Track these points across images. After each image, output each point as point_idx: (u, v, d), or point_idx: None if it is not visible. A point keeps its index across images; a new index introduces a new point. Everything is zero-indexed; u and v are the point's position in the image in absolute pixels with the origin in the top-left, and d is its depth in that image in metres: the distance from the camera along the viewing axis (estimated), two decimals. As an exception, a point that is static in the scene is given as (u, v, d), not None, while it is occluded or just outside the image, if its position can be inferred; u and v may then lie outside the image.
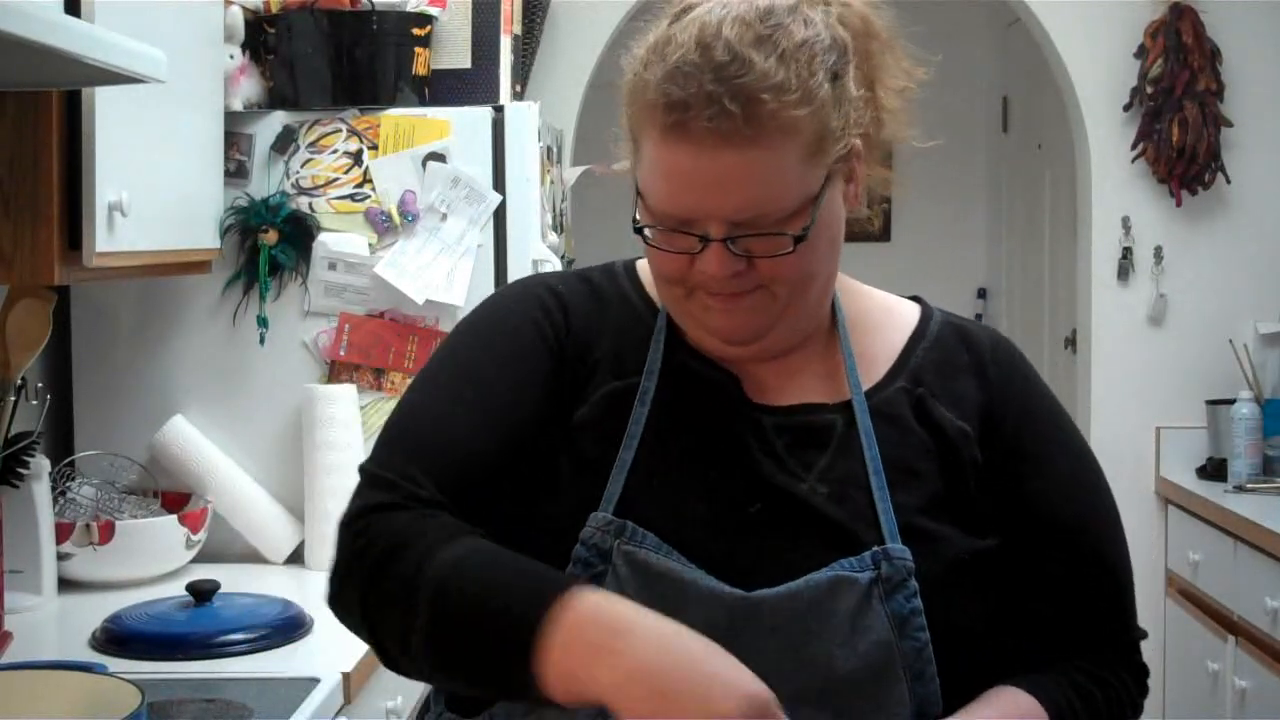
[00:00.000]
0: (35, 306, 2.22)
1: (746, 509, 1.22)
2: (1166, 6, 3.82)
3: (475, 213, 2.62)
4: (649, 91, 1.17)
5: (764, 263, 1.19)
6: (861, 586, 1.18)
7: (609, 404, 1.26)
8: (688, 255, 1.19)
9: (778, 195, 1.16)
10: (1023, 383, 1.33)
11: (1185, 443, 3.92)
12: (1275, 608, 3.16)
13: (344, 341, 2.64)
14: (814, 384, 1.29)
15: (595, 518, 1.21)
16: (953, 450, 1.26)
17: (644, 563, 1.19)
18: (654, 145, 1.17)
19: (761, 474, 1.24)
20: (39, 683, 1.57)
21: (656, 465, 1.23)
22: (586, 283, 1.34)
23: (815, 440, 1.26)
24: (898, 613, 1.18)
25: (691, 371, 1.28)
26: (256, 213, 2.60)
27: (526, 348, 1.28)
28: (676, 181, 1.17)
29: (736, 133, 1.13)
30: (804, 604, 1.18)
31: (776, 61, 1.14)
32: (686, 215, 1.18)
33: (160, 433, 2.63)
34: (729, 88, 1.13)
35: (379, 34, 2.65)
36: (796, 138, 1.15)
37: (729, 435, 1.26)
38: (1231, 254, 3.94)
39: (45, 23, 1.49)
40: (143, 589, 2.40)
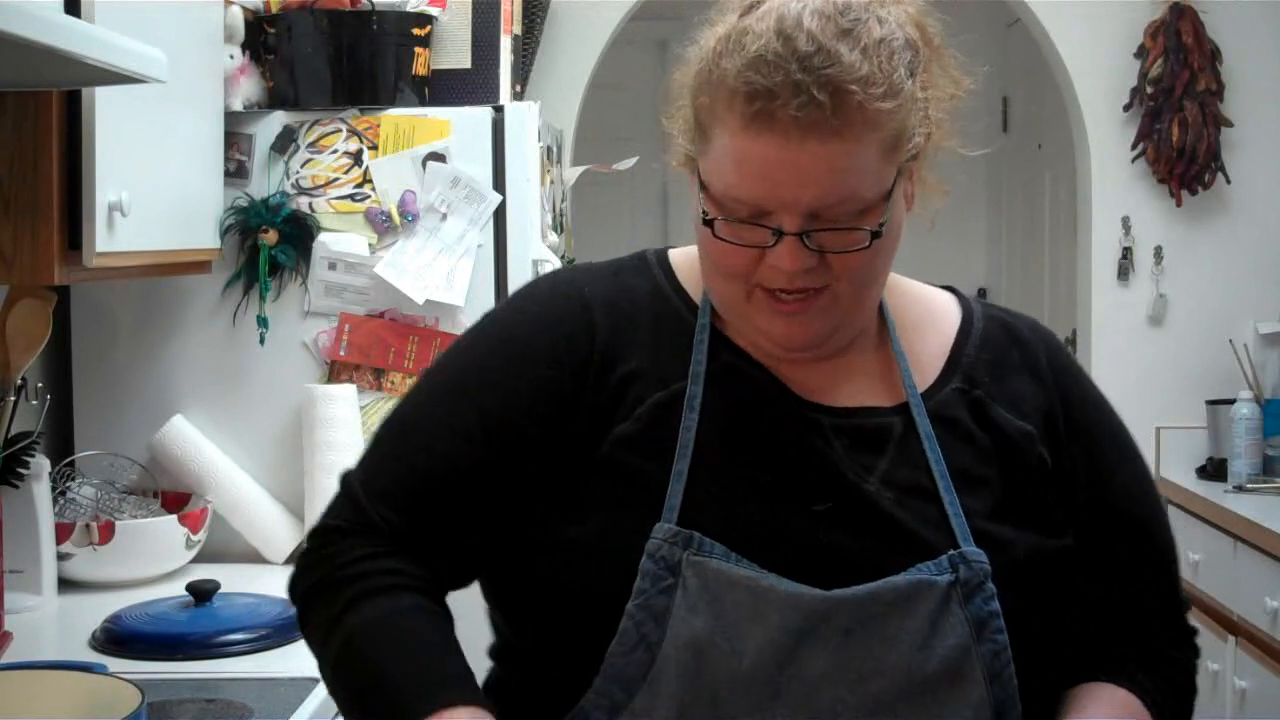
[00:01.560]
0: (35, 306, 2.22)
1: (812, 509, 1.21)
2: (1166, 6, 3.82)
3: (475, 213, 2.62)
4: (729, 80, 1.15)
5: (836, 260, 1.18)
6: (941, 589, 1.18)
7: (655, 415, 1.23)
8: (756, 250, 1.18)
9: (856, 189, 1.16)
10: (1076, 377, 1.35)
11: (1185, 443, 3.92)
12: (1275, 608, 3.16)
13: (344, 341, 2.64)
14: (867, 385, 1.28)
15: (660, 529, 1.19)
16: (1017, 452, 1.26)
17: (715, 572, 1.17)
18: (732, 134, 1.16)
19: (827, 474, 1.23)
20: (39, 683, 1.57)
21: (715, 471, 1.22)
22: (618, 283, 1.31)
23: (874, 443, 1.25)
24: (976, 615, 1.18)
25: (739, 373, 1.27)
26: (256, 213, 2.60)
27: (536, 367, 1.26)
28: (756, 171, 1.15)
29: (824, 123, 1.12)
30: (883, 606, 1.17)
31: (860, 55, 1.14)
32: (762, 206, 1.16)
33: (160, 433, 2.63)
34: (816, 77, 1.12)
35: (379, 34, 2.65)
36: (878, 132, 1.15)
37: (788, 436, 1.24)
38: (1231, 254, 3.94)
39: (45, 23, 1.49)
40: (143, 589, 2.40)
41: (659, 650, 1.17)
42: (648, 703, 1.17)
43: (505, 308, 1.35)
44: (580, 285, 1.31)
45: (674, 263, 1.34)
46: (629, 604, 1.17)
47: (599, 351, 1.26)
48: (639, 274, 1.33)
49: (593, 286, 1.30)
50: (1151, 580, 1.33)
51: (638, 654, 1.17)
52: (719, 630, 1.16)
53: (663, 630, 1.17)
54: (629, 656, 1.17)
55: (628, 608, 1.17)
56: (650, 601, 1.17)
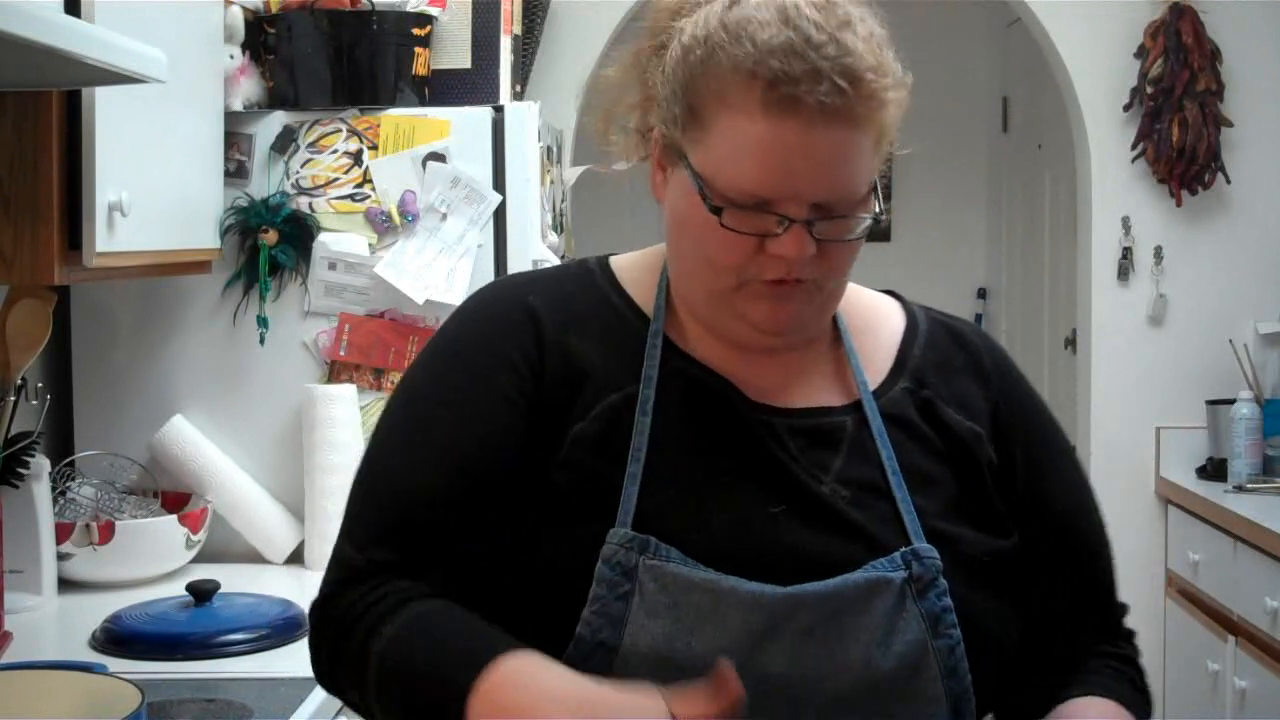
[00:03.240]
0: (35, 306, 2.22)
1: (768, 511, 1.21)
2: (1166, 6, 3.82)
3: (475, 213, 2.62)
4: (745, 65, 1.15)
5: (831, 249, 1.19)
6: (897, 586, 1.19)
7: (609, 417, 1.23)
8: (756, 240, 1.18)
9: (859, 177, 1.18)
10: (1017, 382, 1.36)
11: (1185, 443, 3.92)
12: (1275, 608, 3.16)
13: (344, 341, 2.64)
14: (820, 385, 1.29)
15: (615, 534, 1.18)
16: (966, 451, 1.27)
17: (673, 576, 1.17)
18: (750, 121, 1.15)
19: (782, 475, 1.23)
20: (39, 683, 1.57)
21: (669, 475, 1.22)
22: (561, 289, 1.31)
23: (828, 442, 1.25)
24: (930, 611, 1.19)
25: (690, 378, 1.26)
26: (256, 213, 2.60)
27: (490, 376, 1.25)
28: (775, 158, 1.15)
29: (846, 110, 1.14)
30: (842, 603, 1.18)
31: (864, 45, 1.16)
32: (772, 195, 1.16)
33: (160, 433, 2.63)
34: (834, 65, 1.14)
35: (379, 34, 2.65)
36: (880, 121, 1.17)
37: (741, 438, 1.24)
38: (1231, 254, 3.94)
39: (45, 23, 1.49)
40: (143, 589, 2.40)
41: (616, 656, 1.16)
42: None
43: (451, 327, 1.33)
44: (523, 295, 1.30)
45: (617, 271, 1.33)
46: (585, 610, 1.16)
47: (550, 351, 1.25)
48: (582, 282, 1.32)
49: (536, 296, 1.29)
50: (1096, 584, 1.35)
51: (594, 660, 1.16)
52: (678, 634, 1.16)
53: (620, 635, 1.16)
54: (586, 663, 1.15)
55: (584, 614, 1.16)
56: (607, 608, 1.16)
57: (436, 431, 1.25)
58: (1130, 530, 3.93)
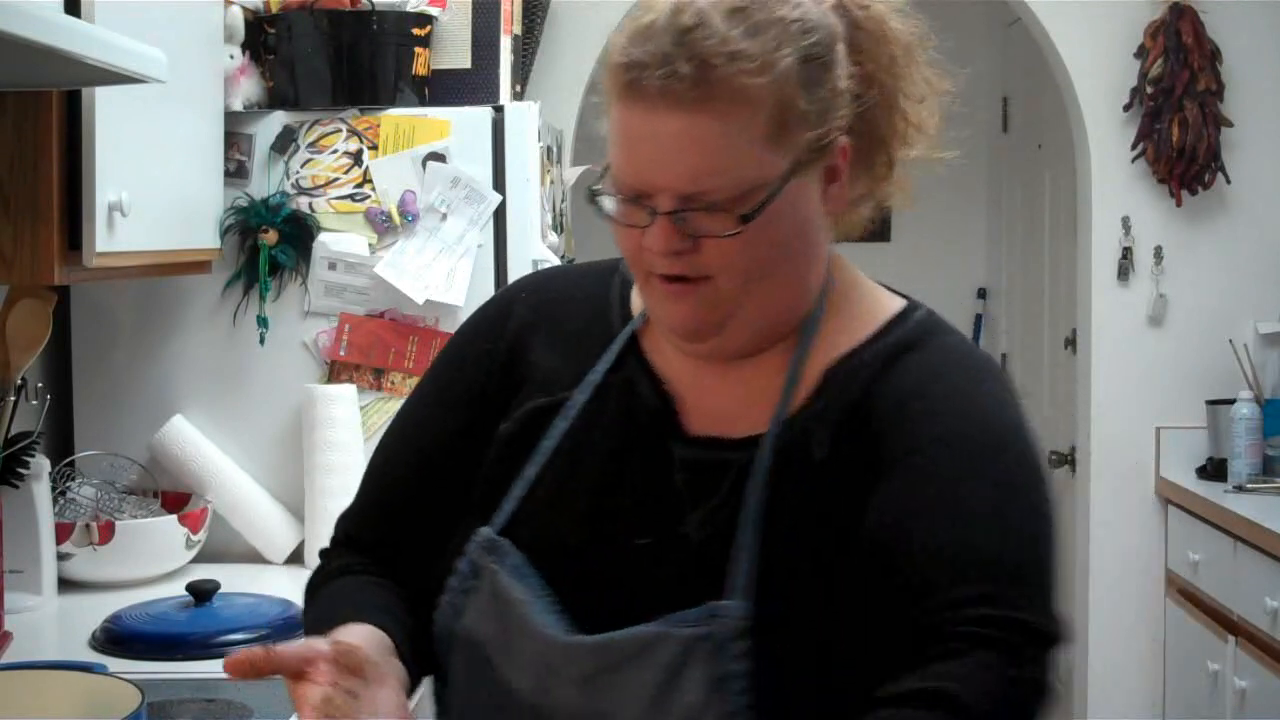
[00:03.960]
0: (35, 306, 2.22)
1: (632, 543, 1.18)
2: (1166, 6, 3.82)
3: (475, 213, 2.62)
4: (614, 54, 1.14)
5: (710, 247, 1.13)
6: (681, 642, 1.12)
7: (531, 419, 1.25)
8: (639, 230, 1.15)
9: (727, 169, 1.11)
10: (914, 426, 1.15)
11: (1185, 443, 3.92)
12: (1275, 608, 3.16)
13: (344, 341, 2.64)
14: (744, 409, 1.20)
15: (480, 532, 1.21)
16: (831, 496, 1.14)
17: (500, 587, 1.19)
18: (614, 108, 1.15)
19: (658, 508, 1.19)
20: (39, 683, 1.57)
21: (558, 485, 1.21)
22: (568, 288, 1.33)
23: (710, 479, 1.18)
24: (717, 674, 1.11)
25: (631, 390, 1.23)
26: (256, 213, 2.60)
27: (458, 373, 1.32)
28: (629, 146, 1.14)
29: (684, 94, 1.09)
30: (616, 657, 1.13)
31: (744, 31, 1.10)
32: (639, 184, 1.14)
33: (160, 433, 2.63)
34: (685, 49, 1.10)
35: (379, 34, 2.65)
36: (751, 111, 1.10)
37: (640, 464, 1.21)
38: (1231, 254, 3.93)
39: (45, 23, 1.49)
40: (143, 589, 2.40)
41: (453, 646, 1.21)
42: (452, 700, 1.24)
43: (465, 321, 1.39)
44: (521, 290, 1.35)
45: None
46: (441, 598, 1.22)
47: (516, 346, 1.29)
48: (596, 280, 1.32)
49: (535, 292, 1.33)
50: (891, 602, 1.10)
51: (443, 647, 1.22)
52: (498, 643, 1.19)
53: (457, 628, 1.21)
54: (439, 647, 1.22)
55: (439, 601, 1.22)
56: (454, 600, 1.21)
57: (408, 422, 1.34)
58: (1130, 530, 3.93)
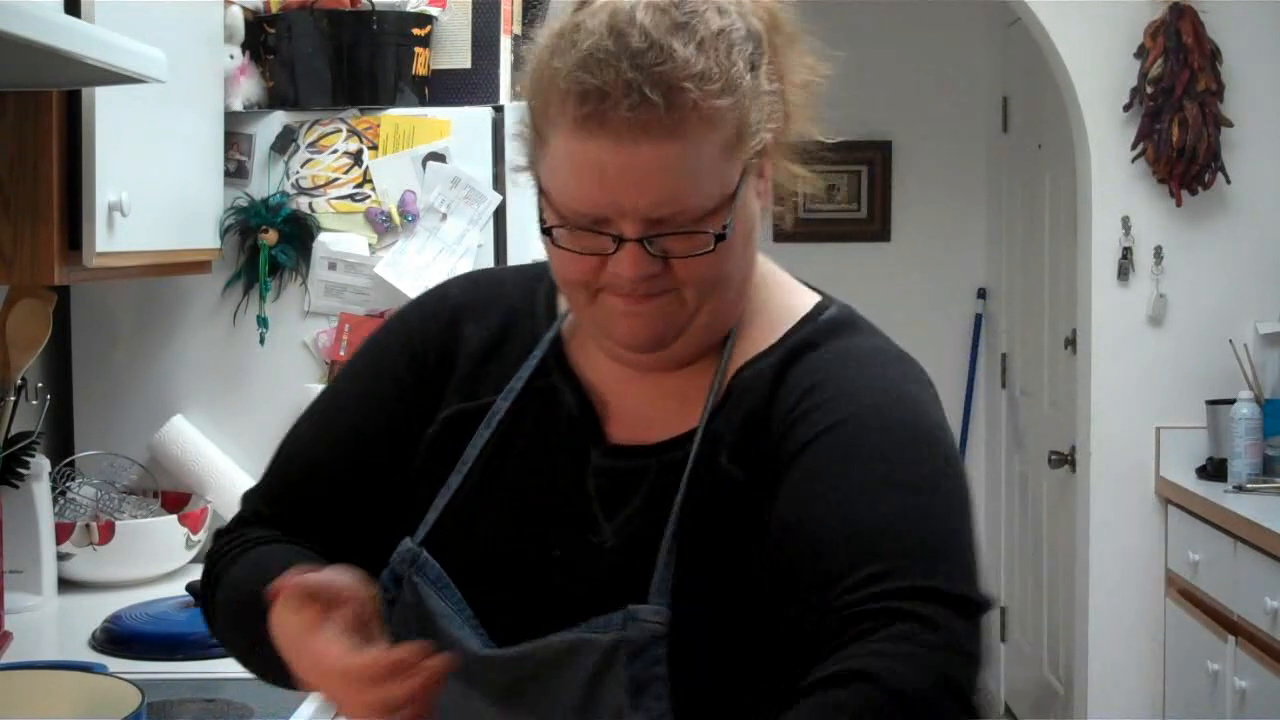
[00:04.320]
0: (35, 306, 2.22)
1: (549, 554, 1.17)
2: (1166, 6, 3.82)
3: (475, 213, 2.62)
4: (560, 81, 1.09)
5: (680, 264, 1.12)
6: (601, 648, 1.11)
7: (453, 424, 1.23)
8: (599, 257, 1.12)
9: (696, 190, 1.09)
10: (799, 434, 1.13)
11: (1185, 443, 3.92)
12: (1275, 608, 3.16)
13: (344, 341, 2.64)
14: (668, 416, 1.20)
15: (403, 544, 1.20)
16: (741, 503, 1.14)
17: (420, 599, 1.18)
18: (565, 138, 1.09)
19: (573, 518, 1.18)
20: (39, 683, 1.57)
21: (479, 496, 1.20)
22: (498, 286, 1.30)
23: (625, 486, 1.18)
24: (637, 678, 1.10)
25: (553, 397, 1.22)
26: (256, 213, 2.60)
27: (386, 361, 1.29)
28: (590, 177, 1.09)
29: (657, 123, 1.06)
30: (534, 667, 1.13)
31: (696, 50, 1.08)
32: (600, 213, 1.10)
33: (160, 433, 2.63)
34: (649, 75, 1.06)
35: (379, 34, 2.65)
36: (716, 130, 1.09)
37: (558, 472, 1.20)
38: (1231, 254, 3.93)
39: (45, 23, 1.49)
40: (143, 589, 2.41)
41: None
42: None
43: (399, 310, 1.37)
44: (453, 288, 1.33)
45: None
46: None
47: (439, 346, 1.27)
48: (531, 282, 1.29)
49: (463, 291, 1.31)
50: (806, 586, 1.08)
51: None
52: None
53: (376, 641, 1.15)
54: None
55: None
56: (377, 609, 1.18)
57: (331, 405, 1.33)
58: (1130, 530, 3.93)
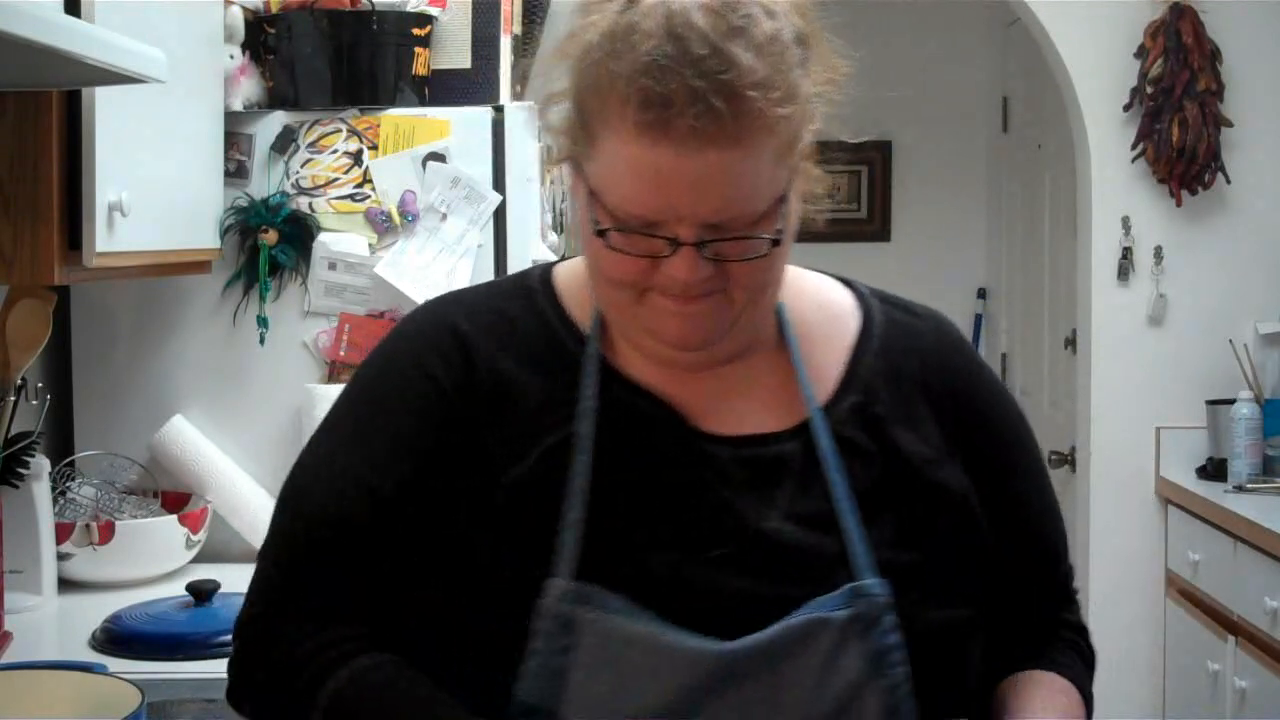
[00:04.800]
0: (35, 306, 2.22)
1: (711, 554, 1.16)
2: (1166, 6, 3.82)
3: (475, 213, 2.62)
4: (620, 85, 1.08)
5: (734, 267, 1.13)
6: (836, 626, 1.14)
7: (547, 459, 1.17)
8: (651, 259, 1.12)
9: (753, 196, 1.11)
10: (972, 377, 1.30)
11: (1185, 443, 3.92)
12: (1275, 608, 3.16)
13: (344, 341, 2.64)
14: (765, 403, 1.23)
15: (552, 585, 1.13)
16: (915, 475, 1.21)
17: (612, 631, 1.13)
18: (623, 141, 1.09)
19: (725, 514, 1.18)
20: (39, 683, 1.57)
21: (610, 520, 1.16)
22: (498, 313, 1.26)
23: (773, 474, 1.19)
24: (873, 649, 1.14)
25: (630, 408, 1.21)
26: (256, 213, 2.60)
27: (403, 415, 1.21)
28: (649, 181, 1.09)
29: (721, 131, 1.07)
30: (779, 651, 1.14)
31: (755, 55, 1.08)
32: (656, 217, 1.10)
33: (160, 433, 2.63)
34: (713, 83, 1.06)
35: (379, 34, 2.65)
36: (774, 137, 1.10)
37: (685, 476, 1.19)
38: (1231, 254, 3.94)
39: (45, 23, 1.49)
40: (143, 589, 2.40)
41: (557, 714, 1.12)
42: None
43: (381, 346, 1.29)
44: (453, 317, 1.25)
45: (559, 285, 1.28)
46: (525, 665, 1.12)
47: (480, 380, 1.21)
48: (520, 300, 1.27)
49: (468, 318, 1.25)
50: (1046, 571, 1.33)
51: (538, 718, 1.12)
52: (620, 694, 1.12)
53: (558, 696, 1.12)
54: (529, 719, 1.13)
55: (523, 669, 1.12)
56: (548, 663, 1.12)
57: (347, 455, 1.22)
58: (1130, 530, 3.93)
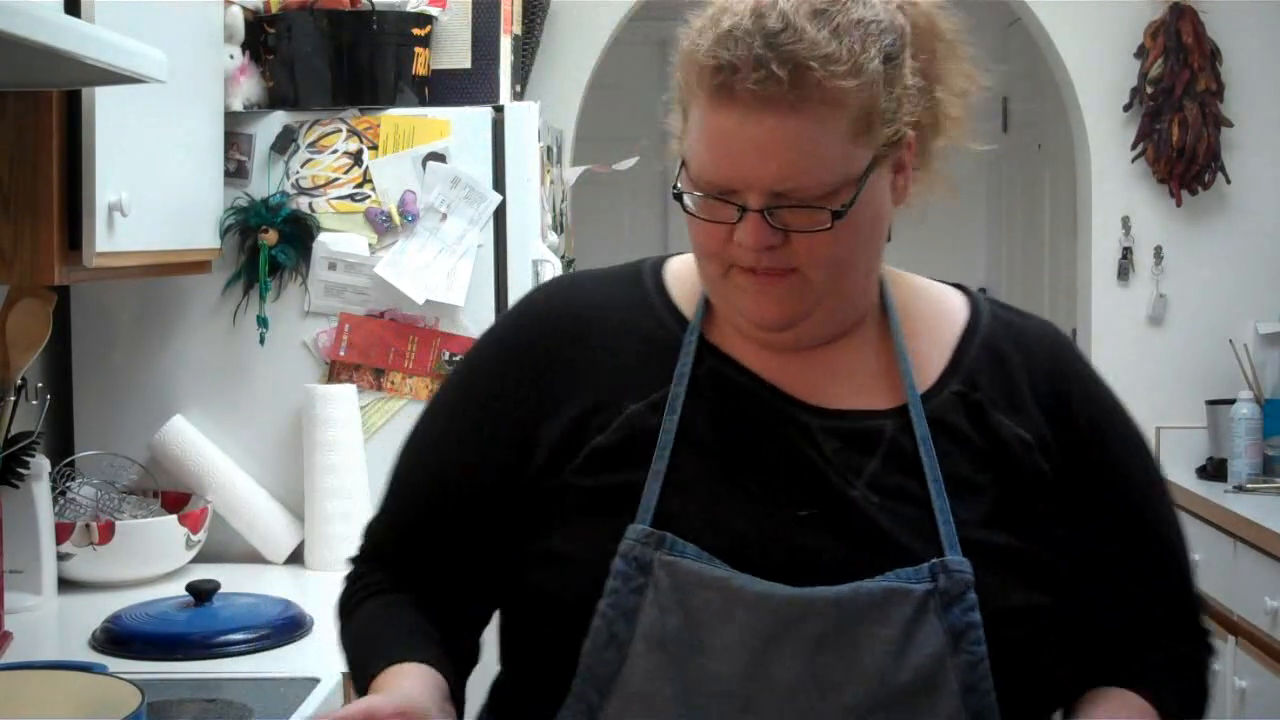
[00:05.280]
0: (35, 306, 2.22)
1: (795, 514, 1.20)
2: (1166, 6, 3.82)
3: (475, 213, 2.62)
4: (699, 55, 1.17)
5: (800, 241, 1.18)
6: (917, 598, 1.16)
7: (632, 424, 1.23)
8: (725, 226, 1.19)
9: (818, 167, 1.16)
10: (1080, 382, 1.32)
11: (1185, 443, 3.92)
12: (1275, 608, 3.16)
13: (344, 341, 2.64)
14: (865, 386, 1.27)
15: (633, 530, 1.19)
16: (1013, 460, 1.24)
17: (686, 572, 1.17)
18: (700, 109, 1.18)
19: (812, 478, 1.22)
20: (39, 683, 1.57)
21: (694, 473, 1.22)
22: (605, 291, 1.33)
23: (863, 445, 1.23)
24: (954, 626, 1.16)
25: (725, 377, 1.26)
26: (256, 213, 2.60)
27: (494, 387, 1.30)
28: (719, 146, 1.17)
29: (781, 98, 1.13)
30: (855, 612, 1.16)
31: (830, 34, 1.15)
32: (727, 183, 1.17)
33: (160, 433, 2.63)
34: (778, 53, 1.14)
35: (379, 34, 2.65)
36: (841, 111, 1.15)
37: (775, 438, 1.23)
38: (1231, 254, 3.93)
39: (45, 23, 1.49)
40: (143, 589, 2.40)
41: (629, 648, 1.17)
42: (620, 706, 1.17)
43: (492, 327, 1.39)
44: (562, 297, 1.34)
45: (669, 273, 1.34)
46: (600, 603, 1.18)
47: (565, 365, 1.28)
48: (629, 284, 1.34)
49: (575, 298, 1.33)
50: (1163, 581, 1.31)
51: (609, 653, 1.17)
52: (689, 630, 1.16)
53: (633, 628, 1.17)
54: (600, 655, 1.18)
55: (599, 607, 1.18)
56: (621, 600, 1.17)
57: (440, 439, 1.34)
58: (1130, 530, 3.92)
